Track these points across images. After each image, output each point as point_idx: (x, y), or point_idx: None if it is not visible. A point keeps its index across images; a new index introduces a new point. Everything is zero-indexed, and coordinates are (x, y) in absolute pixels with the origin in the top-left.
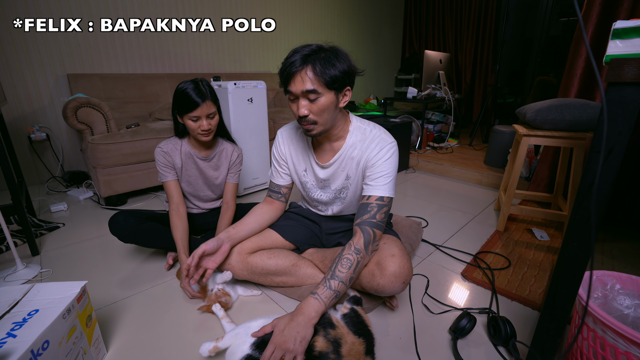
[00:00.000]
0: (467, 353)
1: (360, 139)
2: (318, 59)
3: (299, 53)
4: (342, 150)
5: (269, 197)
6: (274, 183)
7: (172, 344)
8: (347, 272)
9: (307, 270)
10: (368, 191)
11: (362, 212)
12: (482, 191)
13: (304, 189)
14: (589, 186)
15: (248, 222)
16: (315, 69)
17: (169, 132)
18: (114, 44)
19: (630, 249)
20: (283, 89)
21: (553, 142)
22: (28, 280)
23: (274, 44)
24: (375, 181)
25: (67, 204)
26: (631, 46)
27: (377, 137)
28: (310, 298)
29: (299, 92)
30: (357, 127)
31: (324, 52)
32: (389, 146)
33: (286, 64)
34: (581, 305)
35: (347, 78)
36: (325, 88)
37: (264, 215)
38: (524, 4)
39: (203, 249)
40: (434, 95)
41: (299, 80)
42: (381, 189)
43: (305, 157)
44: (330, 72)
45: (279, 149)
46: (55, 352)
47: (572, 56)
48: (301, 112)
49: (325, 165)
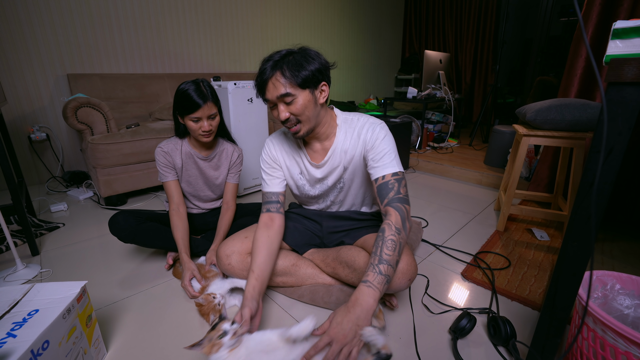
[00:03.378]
0: (467, 353)
1: (349, 130)
2: (286, 63)
3: (269, 61)
4: (333, 146)
5: (268, 213)
6: (270, 192)
7: (172, 343)
8: (394, 255)
9: (307, 270)
10: (379, 172)
11: (385, 192)
12: (482, 191)
13: (301, 192)
14: (589, 186)
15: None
16: (284, 73)
17: (169, 132)
18: (114, 44)
19: (630, 249)
20: (262, 99)
21: (553, 142)
22: (28, 280)
23: (274, 44)
24: (381, 160)
25: (67, 204)
26: (631, 46)
27: (365, 123)
28: (363, 287)
29: (274, 98)
30: (344, 120)
31: (292, 55)
32: (380, 126)
33: (258, 74)
34: (581, 305)
35: (319, 75)
36: (299, 88)
37: (273, 244)
38: (524, 4)
39: (249, 313)
40: (434, 95)
41: (271, 87)
42: (391, 165)
43: (298, 159)
44: (301, 72)
45: (270, 154)
46: (55, 352)
47: (572, 56)
48: (282, 117)
49: (319, 164)
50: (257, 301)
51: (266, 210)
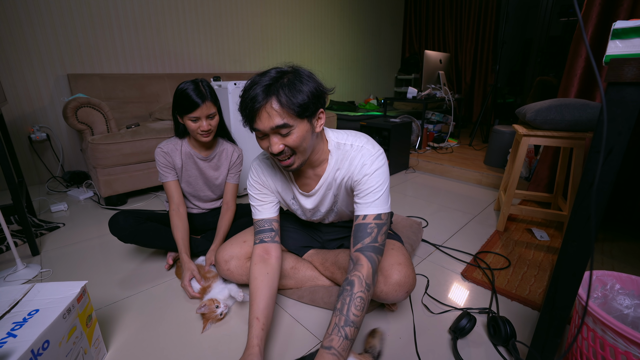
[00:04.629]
0: (467, 353)
1: (341, 158)
2: (281, 87)
3: (259, 84)
4: (325, 174)
5: (262, 244)
6: (263, 219)
7: (172, 343)
8: (361, 315)
9: (306, 273)
10: (361, 210)
11: (361, 235)
12: (482, 191)
13: (296, 214)
14: (589, 186)
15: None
16: (280, 100)
17: (169, 132)
18: (114, 44)
19: (630, 249)
20: (249, 127)
21: (553, 142)
22: (28, 280)
23: (274, 44)
24: (365, 198)
25: (67, 204)
26: (631, 46)
27: (358, 153)
28: (327, 355)
29: (267, 130)
30: (336, 146)
31: (286, 77)
32: (373, 158)
33: (246, 99)
34: (581, 305)
35: (317, 101)
36: (297, 118)
37: (273, 282)
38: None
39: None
40: (434, 95)
41: (265, 116)
42: (373, 206)
43: (288, 189)
44: (298, 99)
45: (259, 179)
46: (56, 352)
47: (572, 56)
48: (275, 150)
49: (310, 193)
50: (263, 356)
51: (259, 241)
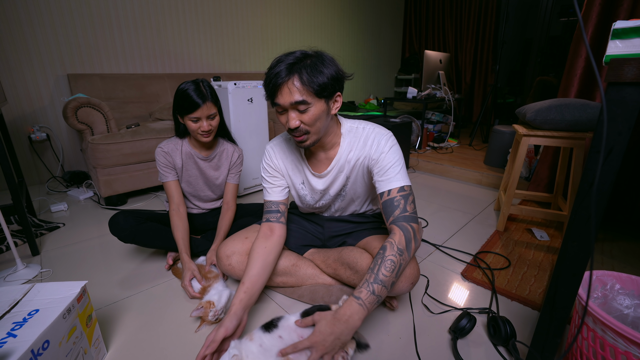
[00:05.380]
0: (467, 353)
1: (354, 140)
2: (304, 67)
3: (283, 62)
4: (337, 156)
5: (268, 223)
6: (271, 201)
7: (172, 343)
8: (391, 276)
9: (307, 271)
10: (384, 186)
11: (390, 209)
12: (482, 191)
13: (303, 202)
14: (589, 186)
15: (255, 275)
16: (302, 78)
17: (169, 132)
18: (114, 44)
19: (630, 249)
20: (270, 102)
21: (553, 142)
22: (28, 280)
23: (274, 44)
24: (386, 174)
25: (67, 204)
26: (631, 46)
27: (371, 133)
28: (354, 303)
29: (287, 104)
30: (349, 129)
31: (310, 59)
32: (386, 138)
33: (270, 75)
34: (581, 305)
35: (336, 84)
36: (315, 97)
37: (269, 256)
38: (524, 4)
39: (223, 333)
40: (434, 95)
41: (286, 91)
42: (395, 180)
43: (300, 169)
44: (318, 79)
45: (271, 162)
46: (56, 352)
47: (572, 56)
48: (292, 124)
49: (322, 174)
50: (240, 317)
51: (266, 220)
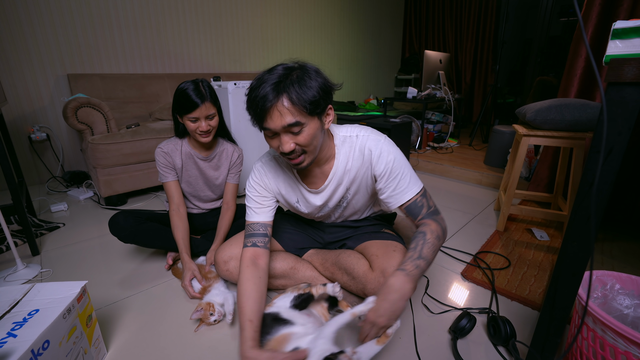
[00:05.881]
0: (467, 353)
1: (349, 151)
2: (291, 84)
3: (267, 82)
4: (333, 170)
5: (254, 248)
6: (258, 223)
7: (172, 343)
8: (431, 255)
9: (305, 273)
10: (402, 199)
11: (416, 212)
12: (482, 191)
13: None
14: (589, 186)
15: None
16: (291, 98)
17: (169, 132)
18: (114, 44)
19: (630, 249)
20: (257, 126)
21: (553, 142)
22: (28, 280)
23: (274, 44)
24: (399, 187)
25: (67, 204)
26: (631, 46)
27: (367, 141)
28: (401, 274)
29: (279, 128)
30: (343, 140)
31: (294, 73)
32: (385, 144)
33: (255, 99)
34: (581, 305)
35: (327, 97)
36: (308, 116)
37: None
38: (524, 4)
39: None
40: (434, 95)
41: (276, 115)
42: (409, 188)
43: (294, 187)
44: (308, 95)
45: (261, 182)
46: (56, 352)
47: (572, 56)
48: (286, 149)
49: (318, 190)
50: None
51: (252, 244)
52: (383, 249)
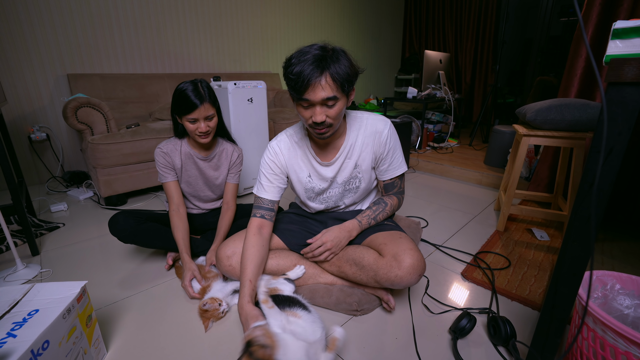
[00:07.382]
0: (467, 353)
1: (360, 127)
2: (332, 62)
3: (309, 58)
4: (345, 143)
5: (260, 219)
6: (266, 199)
7: (172, 343)
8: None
9: (308, 270)
10: (389, 174)
11: (389, 189)
12: (482, 191)
13: (310, 196)
14: (589, 186)
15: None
16: (333, 75)
17: (169, 132)
18: (114, 44)
19: (630, 249)
20: (294, 96)
21: (553, 142)
22: (28, 280)
23: (274, 44)
24: (392, 163)
25: (67, 204)
26: (631, 46)
27: (374, 121)
28: (356, 222)
29: (318, 100)
30: (353, 118)
31: (332, 53)
32: (386, 125)
33: (301, 73)
34: (581, 305)
35: (355, 77)
36: (341, 92)
37: (265, 254)
38: (524, 4)
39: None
40: (434, 95)
41: (318, 88)
42: (400, 166)
43: (306, 162)
44: (345, 74)
45: (276, 161)
46: (56, 352)
47: (572, 56)
48: (319, 119)
49: (330, 162)
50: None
51: (260, 215)
52: (390, 237)
